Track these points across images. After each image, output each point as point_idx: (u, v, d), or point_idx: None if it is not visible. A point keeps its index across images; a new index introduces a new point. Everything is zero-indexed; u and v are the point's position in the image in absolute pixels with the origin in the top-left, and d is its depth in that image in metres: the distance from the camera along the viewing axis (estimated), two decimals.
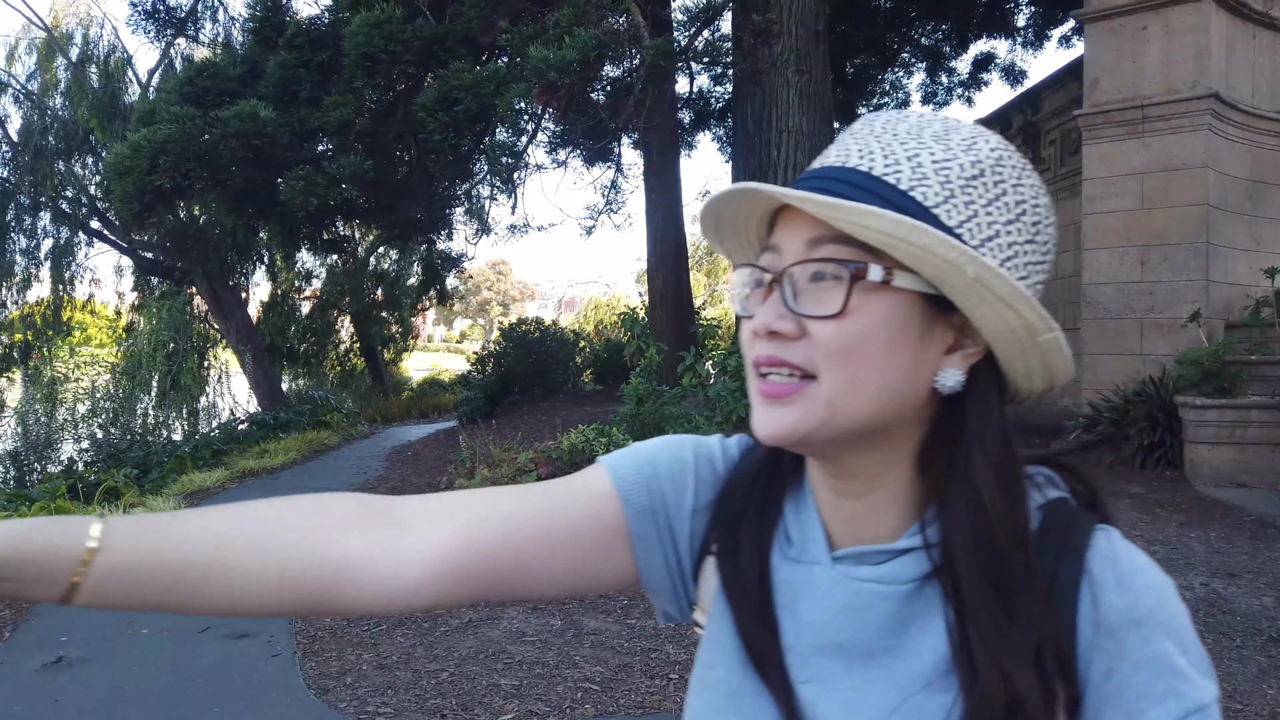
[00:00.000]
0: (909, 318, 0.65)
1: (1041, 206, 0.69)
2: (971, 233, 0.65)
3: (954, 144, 0.67)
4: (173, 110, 8.54)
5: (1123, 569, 0.65)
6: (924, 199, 0.64)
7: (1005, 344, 0.67)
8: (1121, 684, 0.63)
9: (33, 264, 15.90)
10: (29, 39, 16.48)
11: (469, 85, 8.78)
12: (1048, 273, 0.71)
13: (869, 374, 0.65)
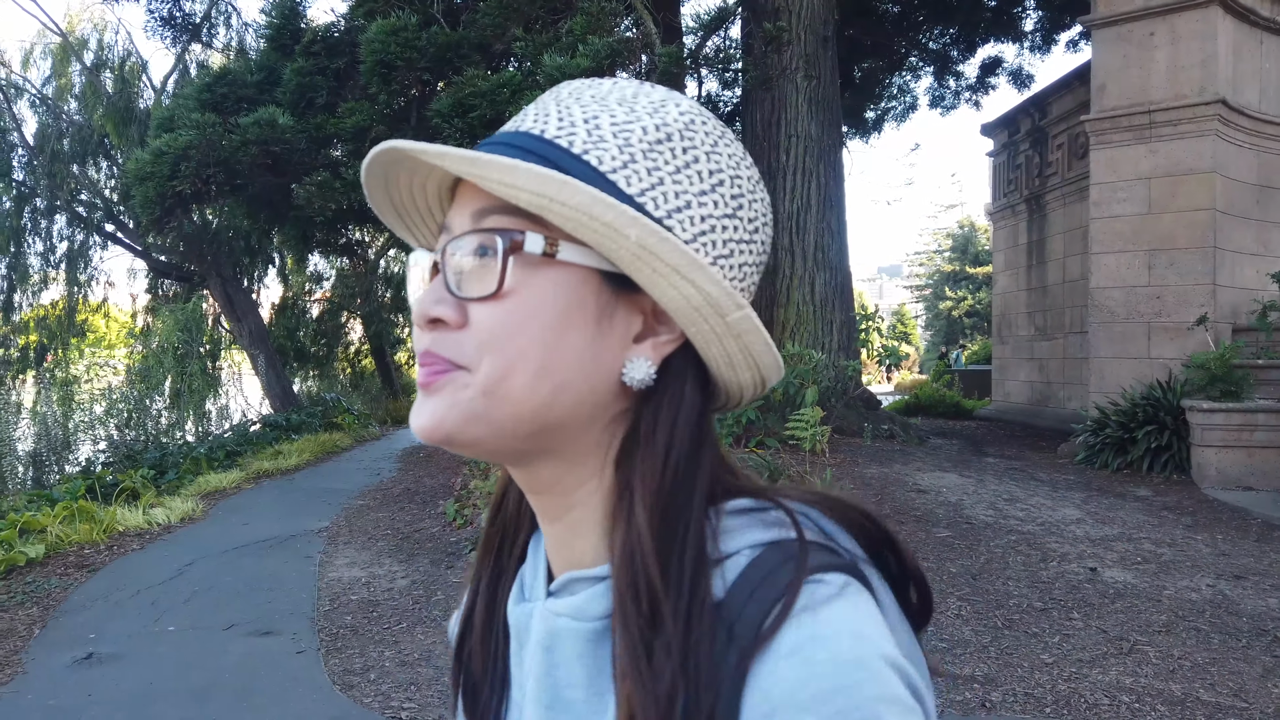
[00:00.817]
0: (582, 297, 0.56)
1: (743, 179, 0.61)
2: (656, 202, 0.57)
3: (639, 107, 0.59)
4: (193, 117, 8.66)
5: (804, 634, 0.49)
6: (599, 163, 0.56)
7: (694, 325, 0.57)
8: None
9: (48, 266, 16.07)
10: (44, 44, 16.63)
11: (483, 92, 8.89)
12: (760, 254, 0.64)
13: (529, 360, 0.55)
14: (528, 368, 0.55)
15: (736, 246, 0.60)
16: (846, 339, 10.49)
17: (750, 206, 0.61)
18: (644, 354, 0.58)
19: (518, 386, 0.55)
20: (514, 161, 0.53)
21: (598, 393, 0.57)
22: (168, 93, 15.95)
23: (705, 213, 0.58)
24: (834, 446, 8.62)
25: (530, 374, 0.55)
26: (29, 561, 6.28)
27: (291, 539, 7.50)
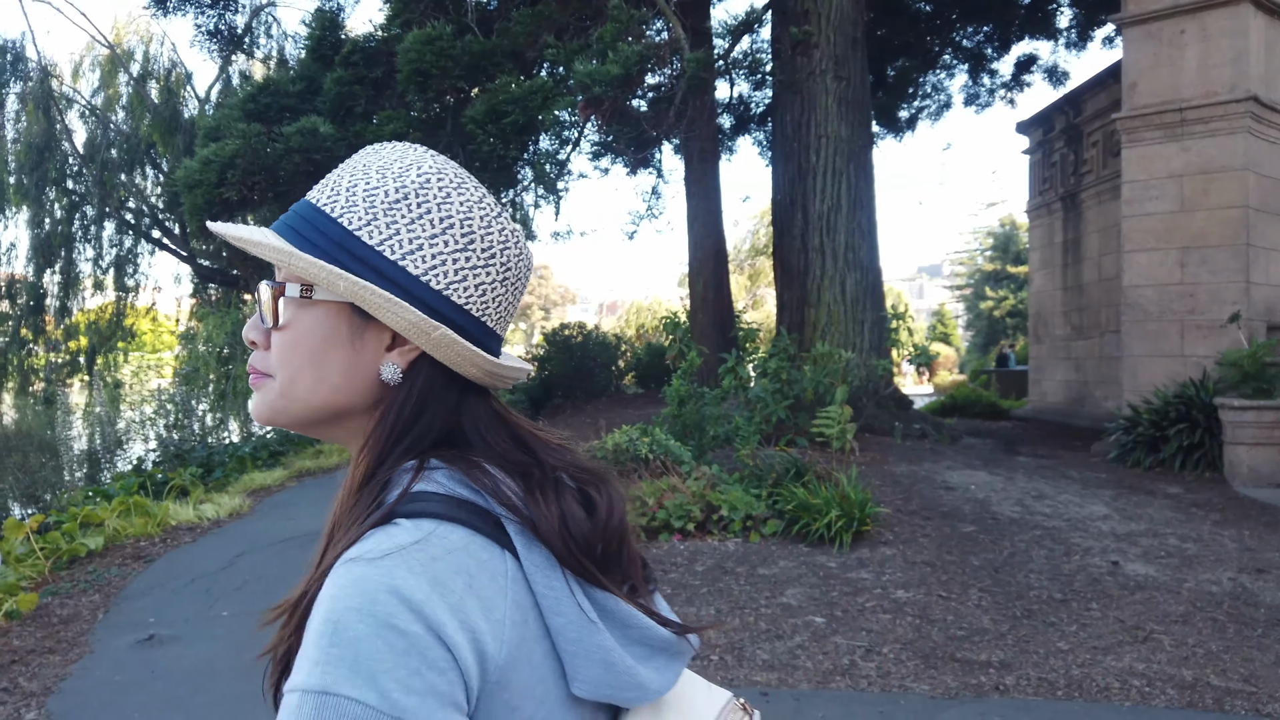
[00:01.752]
0: (337, 324, 0.76)
1: (474, 219, 0.77)
2: (393, 249, 0.74)
3: (388, 173, 0.76)
4: (238, 127, 8.99)
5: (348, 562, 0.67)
6: (349, 223, 0.74)
7: (418, 340, 0.75)
8: None
9: (98, 272, 16.61)
10: (93, 56, 17.16)
11: (516, 98, 9.12)
12: (503, 272, 0.79)
13: (306, 371, 0.76)
14: (305, 377, 0.77)
15: (470, 272, 0.77)
16: (877, 338, 10.57)
17: (484, 239, 0.78)
18: (393, 359, 0.77)
19: (302, 389, 0.77)
20: (259, 238, 0.75)
21: (361, 389, 0.78)
22: (211, 102, 16.41)
23: (435, 251, 0.76)
24: (864, 445, 8.72)
25: (309, 381, 0.77)
26: (89, 553, 6.59)
27: None
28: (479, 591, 0.68)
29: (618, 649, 0.75)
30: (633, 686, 0.75)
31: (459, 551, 0.69)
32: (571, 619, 0.73)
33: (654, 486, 6.93)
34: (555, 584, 0.73)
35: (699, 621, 4.82)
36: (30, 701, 4.19)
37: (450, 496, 0.72)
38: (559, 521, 0.75)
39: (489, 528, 0.72)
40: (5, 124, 15.00)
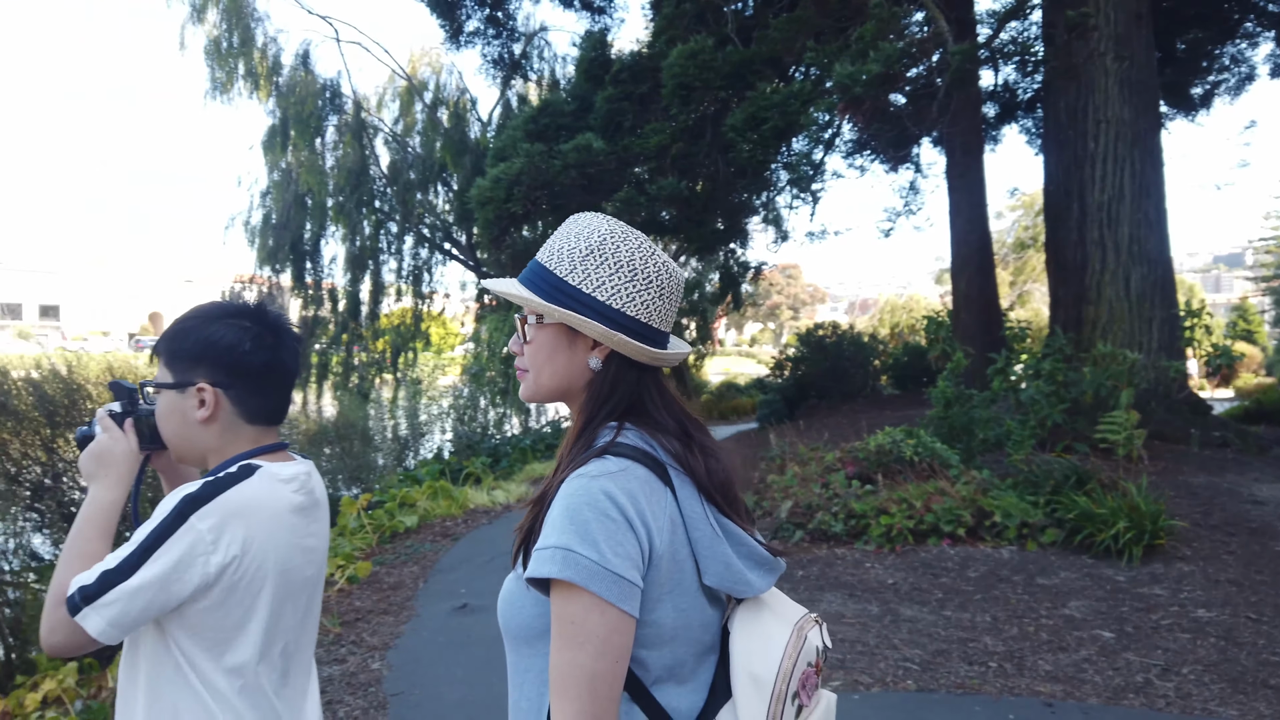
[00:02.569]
0: (559, 338, 1.21)
1: (636, 259, 1.19)
2: (587, 285, 1.17)
3: (580, 237, 1.19)
4: (522, 147, 9.89)
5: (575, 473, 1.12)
6: (560, 273, 1.18)
7: (607, 342, 1.19)
8: None
9: (400, 281, 18.71)
10: (393, 87, 19.32)
11: (775, 104, 9.30)
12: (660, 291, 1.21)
13: (545, 368, 1.22)
14: (545, 371, 1.22)
15: (637, 294, 1.19)
16: (1168, 337, 9.72)
17: (643, 271, 1.19)
18: (595, 355, 1.20)
19: (544, 379, 1.23)
20: (512, 290, 1.20)
21: (578, 375, 1.22)
22: (492, 125, 17.96)
23: (613, 283, 1.18)
24: (1153, 453, 8.09)
25: (547, 374, 1.22)
26: (406, 529, 7.56)
27: None
28: (651, 506, 1.10)
29: (734, 557, 1.17)
30: (743, 583, 1.17)
31: (642, 480, 1.11)
32: (705, 533, 1.15)
33: (920, 489, 6.87)
34: (696, 510, 1.16)
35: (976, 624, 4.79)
36: (374, 654, 4.93)
37: (638, 448, 1.15)
38: (702, 470, 1.18)
39: (658, 470, 1.14)
40: (326, 153, 17.31)
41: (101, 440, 1.49)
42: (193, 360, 1.45)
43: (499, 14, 14.27)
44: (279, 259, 17.00)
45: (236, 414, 1.47)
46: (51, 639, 1.34)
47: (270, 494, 1.42)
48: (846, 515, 6.93)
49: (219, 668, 1.38)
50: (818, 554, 6.71)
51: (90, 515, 1.42)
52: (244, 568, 1.37)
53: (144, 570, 1.30)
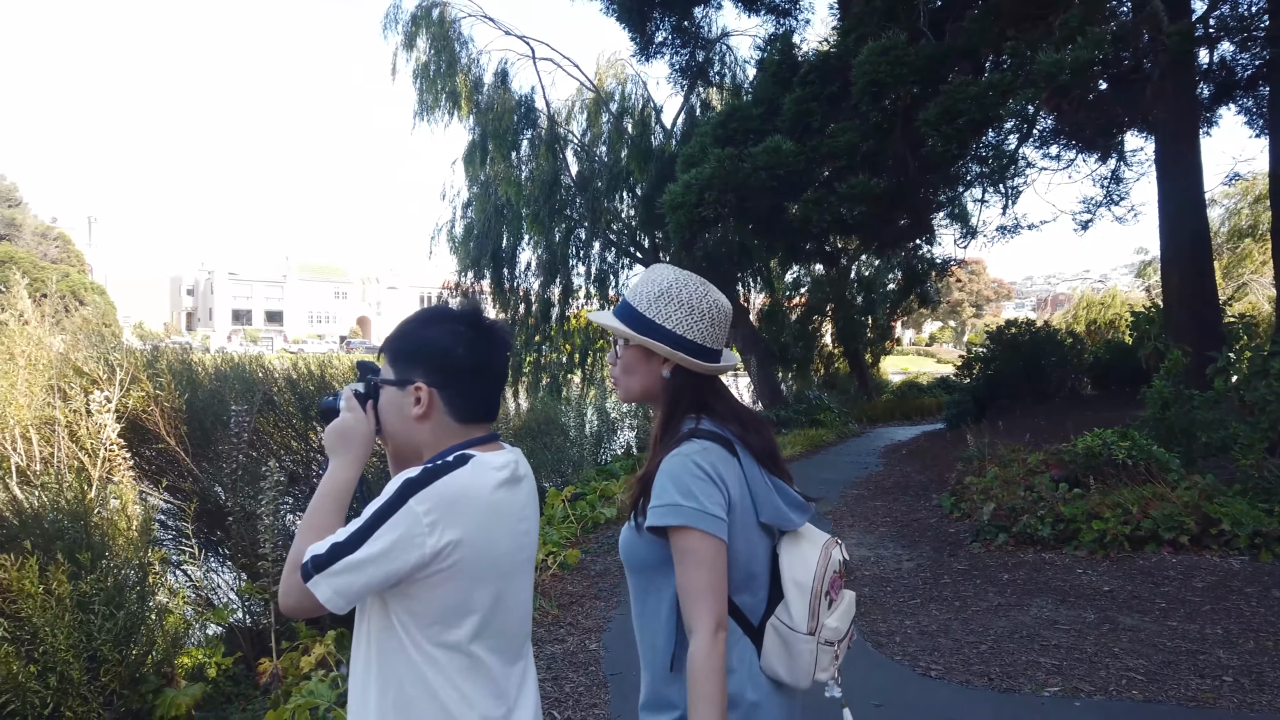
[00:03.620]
0: (640, 355, 1.70)
1: (694, 297, 1.67)
2: (658, 317, 1.66)
3: (656, 283, 1.69)
4: (713, 152, 10.14)
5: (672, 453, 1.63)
6: (639, 307, 1.68)
7: (673, 359, 1.67)
8: None
9: (588, 284, 19.46)
10: (581, 100, 20.09)
11: (973, 96, 9.08)
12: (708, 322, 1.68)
13: (633, 378, 1.73)
14: (633, 381, 1.74)
15: (694, 323, 1.67)
16: None
17: (698, 306, 1.67)
18: (666, 369, 1.70)
19: (634, 386, 1.75)
20: (610, 322, 1.73)
21: (656, 383, 1.72)
22: (676, 132, 18.35)
23: (677, 316, 1.67)
24: None
25: (633, 382, 1.74)
26: (606, 520, 7.94)
27: None
28: (726, 471, 1.63)
29: (780, 502, 1.70)
30: (786, 520, 1.71)
31: (718, 454, 1.63)
32: (761, 487, 1.68)
33: (1136, 494, 6.57)
34: (754, 472, 1.68)
35: None
36: (590, 636, 5.26)
37: (713, 431, 1.67)
38: (757, 445, 1.70)
39: (728, 446, 1.66)
40: (521, 165, 18.25)
41: (346, 418, 1.61)
42: (411, 361, 1.58)
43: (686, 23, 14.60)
44: (480, 266, 18.10)
45: (447, 413, 1.57)
46: (286, 600, 1.48)
47: (484, 481, 1.52)
48: (1054, 519, 6.73)
49: (438, 643, 1.49)
50: (1023, 558, 6.55)
51: (328, 490, 1.55)
52: (460, 551, 1.46)
53: (367, 546, 1.41)
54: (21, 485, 4.14)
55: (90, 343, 5.18)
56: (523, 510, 1.63)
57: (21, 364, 4.39)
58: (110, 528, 3.99)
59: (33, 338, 4.60)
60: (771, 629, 1.67)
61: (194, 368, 5.81)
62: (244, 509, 5.21)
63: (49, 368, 4.57)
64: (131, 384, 4.82)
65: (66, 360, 4.79)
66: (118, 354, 5.13)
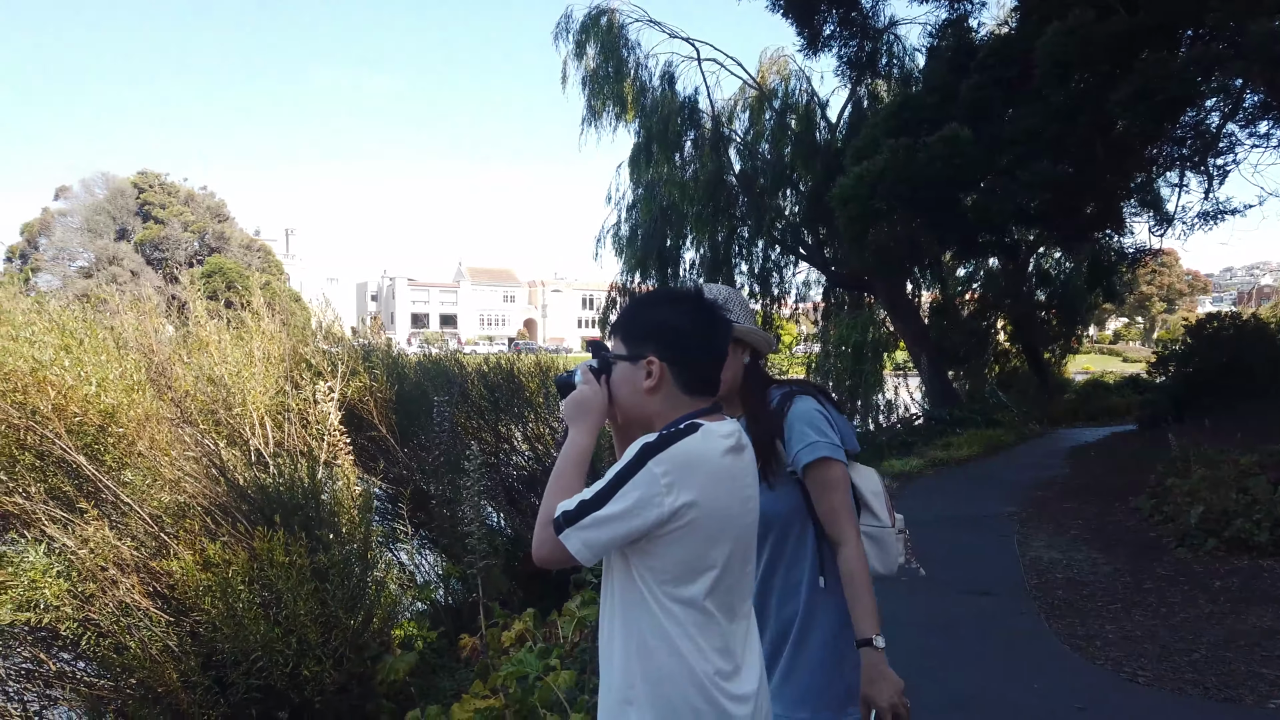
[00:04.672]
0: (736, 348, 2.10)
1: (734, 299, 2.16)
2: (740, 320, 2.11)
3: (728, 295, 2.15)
4: (885, 143, 9.93)
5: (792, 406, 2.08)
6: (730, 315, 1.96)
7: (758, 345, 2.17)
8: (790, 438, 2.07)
9: (751, 283, 19.42)
10: (744, 98, 20.04)
11: (1172, 73, 8.50)
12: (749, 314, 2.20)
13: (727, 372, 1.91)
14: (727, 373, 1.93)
15: (749, 316, 2.21)
16: None
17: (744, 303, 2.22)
18: (747, 354, 2.16)
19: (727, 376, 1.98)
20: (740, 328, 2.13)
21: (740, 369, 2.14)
22: (841, 126, 18.04)
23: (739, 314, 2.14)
24: None
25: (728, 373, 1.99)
26: None
27: (981, 518, 8.18)
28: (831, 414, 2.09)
29: (851, 431, 2.14)
30: (855, 445, 2.13)
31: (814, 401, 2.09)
32: (841, 422, 2.10)
33: None
34: (832, 410, 2.11)
35: None
36: None
37: (807, 386, 2.18)
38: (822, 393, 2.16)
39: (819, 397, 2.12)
40: (685, 166, 18.43)
41: (583, 390, 1.79)
42: (643, 337, 1.74)
43: (853, 14, 14.34)
44: (645, 266, 18.42)
45: (676, 385, 1.72)
46: (540, 552, 1.64)
47: (713, 447, 1.64)
48: (1272, 524, 6.22)
49: (674, 598, 1.62)
50: (1237, 564, 6.09)
51: (570, 454, 1.73)
52: (694, 511, 1.59)
53: (612, 504, 1.58)
54: (258, 465, 4.60)
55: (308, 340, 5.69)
56: (746, 476, 1.74)
57: (259, 358, 4.89)
58: (336, 505, 4.38)
59: (266, 334, 5.12)
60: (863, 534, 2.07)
61: (401, 362, 6.28)
62: (445, 494, 5.58)
63: (281, 361, 5.07)
64: (351, 376, 5.27)
65: (295, 354, 5.29)
66: (338, 349, 5.63)
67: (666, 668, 1.63)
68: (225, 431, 4.66)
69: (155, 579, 3.75)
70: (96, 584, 3.54)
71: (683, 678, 1.62)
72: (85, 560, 3.54)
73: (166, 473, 3.89)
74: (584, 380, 1.81)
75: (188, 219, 59.21)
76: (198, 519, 3.82)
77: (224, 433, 4.67)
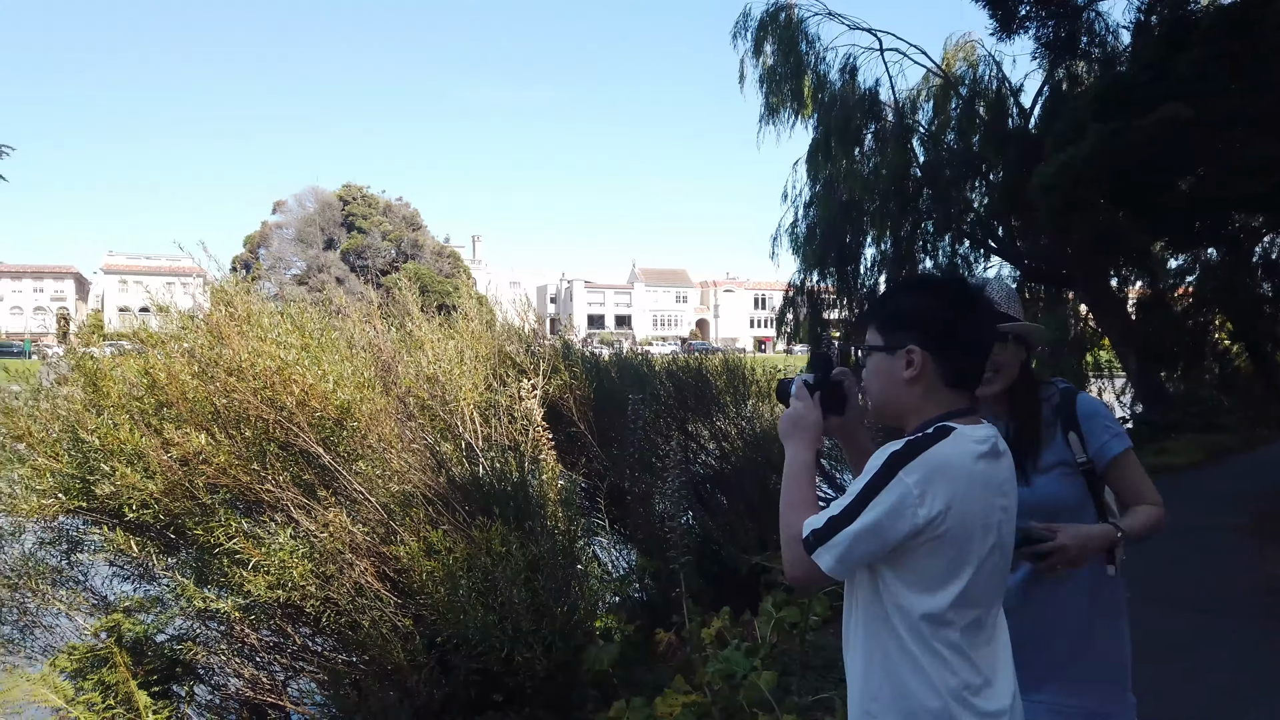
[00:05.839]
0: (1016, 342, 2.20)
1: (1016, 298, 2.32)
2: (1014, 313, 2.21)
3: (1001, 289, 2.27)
4: (1092, 127, 9.27)
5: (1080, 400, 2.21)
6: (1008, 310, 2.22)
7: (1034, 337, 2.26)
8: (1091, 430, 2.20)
9: None
10: (928, 87, 19.22)
11: None
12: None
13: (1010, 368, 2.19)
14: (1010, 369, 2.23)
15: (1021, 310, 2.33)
16: None
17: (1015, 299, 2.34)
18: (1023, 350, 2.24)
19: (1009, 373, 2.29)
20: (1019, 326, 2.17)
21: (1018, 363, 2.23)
22: (1035, 112, 17.03)
23: (1019, 312, 2.23)
24: None
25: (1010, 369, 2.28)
26: None
27: (1207, 531, 7.51)
28: None
29: None
30: None
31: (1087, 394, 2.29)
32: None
33: None
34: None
35: None
36: None
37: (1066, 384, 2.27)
38: None
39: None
40: (866, 160, 17.93)
41: (796, 407, 1.76)
42: (902, 325, 1.67)
43: None
44: (824, 264, 18.03)
45: (938, 376, 1.64)
46: (794, 572, 1.62)
47: (966, 452, 1.56)
48: None
49: (922, 612, 1.55)
50: None
51: (794, 470, 1.70)
52: (948, 521, 1.52)
53: (862, 517, 1.52)
54: (469, 458, 4.86)
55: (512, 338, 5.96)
56: (1003, 485, 1.65)
57: (469, 356, 5.16)
58: (542, 498, 4.56)
59: (474, 334, 5.41)
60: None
61: (598, 361, 6.47)
62: (640, 490, 5.69)
63: (487, 359, 5.34)
64: (552, 374, 5.48)
65: (501, 352, 5.56)
66: (539, 347, 5.86)
67: (910, 682, 1.58)
68: (440, 425, 4.95)
69: (384, 563, 4.03)
70: (335, 565, 3.84)
71: (927, 693, 1.57)
72: (325, 543, 3.85)
73: (394, 464, 4.17)
74: (797, 396, 1.78)
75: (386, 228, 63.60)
76: (421, 508, 4.08)
77: (438, 426, 4.96)
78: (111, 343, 5.78)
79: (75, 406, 4.25)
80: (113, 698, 3.81)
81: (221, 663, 4.21)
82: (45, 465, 4.11)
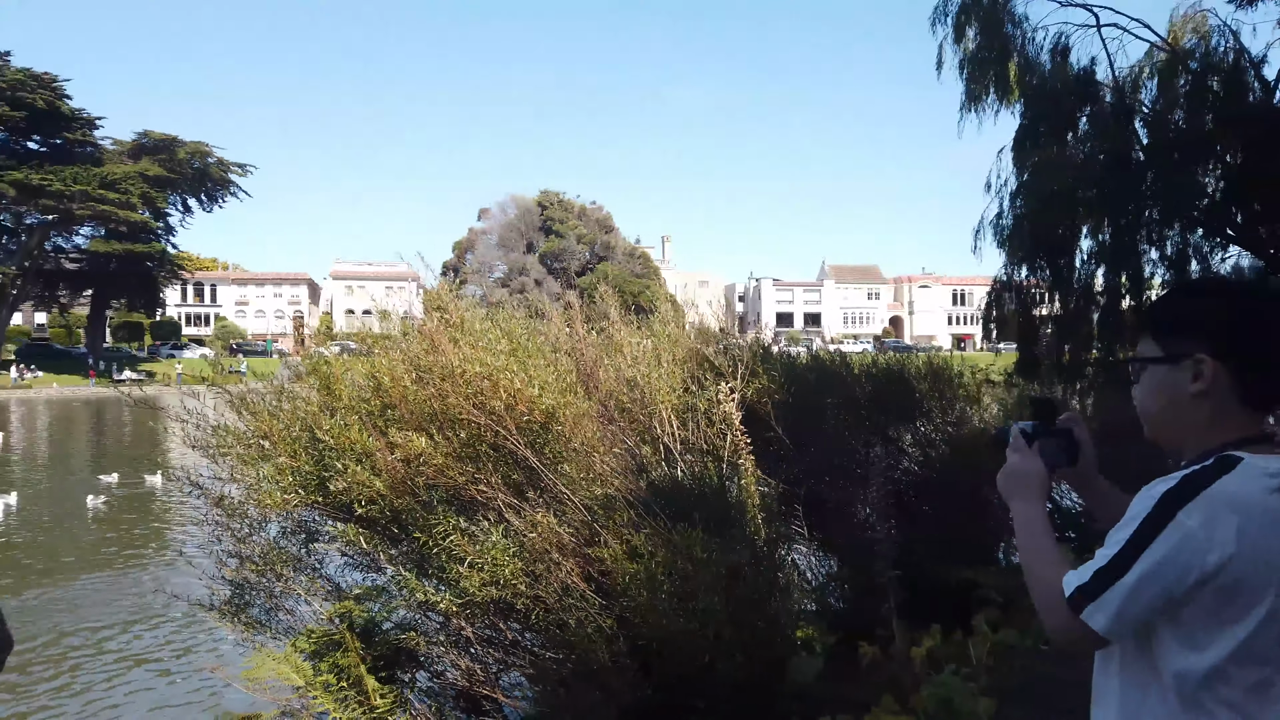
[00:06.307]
0: None
1: None
2: None
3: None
4: None
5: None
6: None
7: None
8: None
9: (1164, 270, 17.01)
10: (1150, 64, 17.68)
11: None
12: None
13: None
14: None
15: None
16: None
17: None
18: None
19: None
20: None
21: None
22: None
23: None
24: None
25: None
26: None
27: None
28: None
29: None
30: None
31: None
32: None
33: None
34: None
35: None
36: None
37: None
38: None
39: None
40: (1081, 144, 16.64)
41: (1013, 460, 1.58)
42: (1188, 332, 1.43)
43: None
44: (1033, 257, 16.89)
45: (1233, 392, 1.40)
46: (1058, 637, 1.44)
47: (1256, 487, 1.32)
48: None
49: (1193, 666, 1.35)
50: None
51: (1028, 527, 1.52)
52: (1240, 565, 1.30)
53: (1137, 568, 1.31)
54: (668, 461, 4.88)
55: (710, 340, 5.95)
56: None
57: (666, 359, 5.19)
58: (741, 504, 4.51)
59: (671, 337, 5.44)
60: None
61: (794, 363, 6.35)
62: (838, 498, 5.52)
63: (685, 362, 5.35)
64: (751, 377, 5.41)
65: (697, 354, 5.56)
66: (736, 349, 5.82)
67: None
68: (639, 428, 5.01)
69: (589, 564, 4.12)
70: (543, 565, 3.96)
71: None
72: (534, 542, 3.98)
73: (597, 466, 4.25)
74: (1013, 448, 1.61)
75: (580, 231, 65.96)
76: (623, 511, 4.13)
77: (637, 429, 5.02)
78: (339, 343, 6.28)
79: (312, 408, 4.63)
80: (345, 680, 4.11)
81: (440, 653, 4.45)
82: (286, 465, 4.50)
